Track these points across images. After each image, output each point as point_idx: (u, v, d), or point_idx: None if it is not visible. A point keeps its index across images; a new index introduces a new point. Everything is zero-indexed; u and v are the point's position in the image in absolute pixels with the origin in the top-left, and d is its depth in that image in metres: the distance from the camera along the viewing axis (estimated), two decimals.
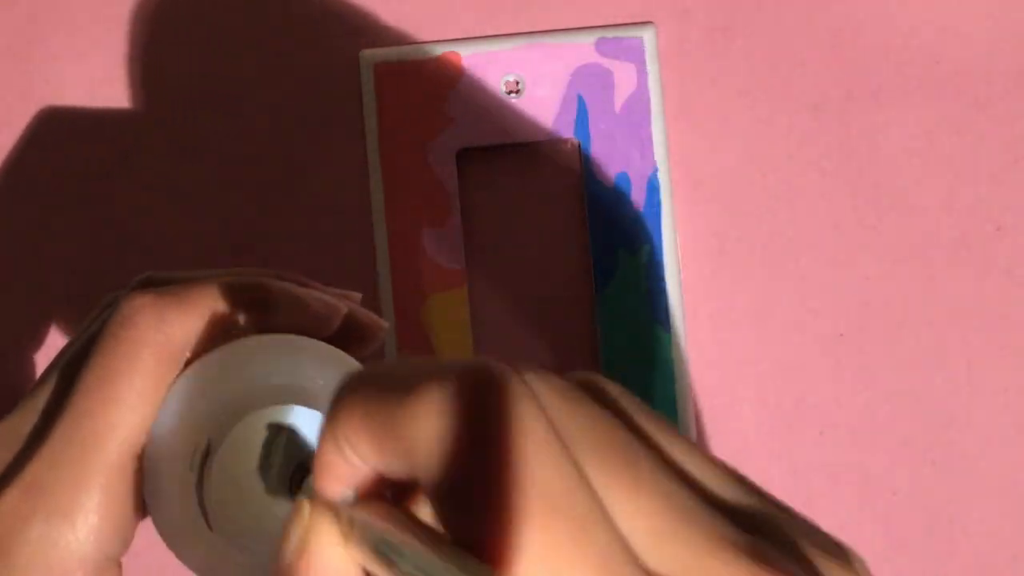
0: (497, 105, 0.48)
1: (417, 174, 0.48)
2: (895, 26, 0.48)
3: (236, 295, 0.31)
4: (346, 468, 0.24)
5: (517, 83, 0.48)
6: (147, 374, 0.30)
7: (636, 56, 0.48)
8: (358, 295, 0.35)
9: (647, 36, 0.48)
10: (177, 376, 0.30)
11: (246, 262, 0.48)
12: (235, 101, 0.48)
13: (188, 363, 0.30)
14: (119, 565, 0.30)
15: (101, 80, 0.48)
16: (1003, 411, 0.48)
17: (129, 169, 0.48)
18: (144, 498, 0.30)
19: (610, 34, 0.48)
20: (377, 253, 0.48)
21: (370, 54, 0.48)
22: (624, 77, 0.48)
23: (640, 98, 0.48)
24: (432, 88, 0.48)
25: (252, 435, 0.29)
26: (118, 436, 0.29)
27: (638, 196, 0.48)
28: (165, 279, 0.32)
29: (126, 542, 0.30)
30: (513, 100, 0.48)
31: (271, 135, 0.48)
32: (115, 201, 0.48)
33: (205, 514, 0.29)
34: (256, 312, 0.31)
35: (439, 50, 0.48)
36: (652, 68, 0.48)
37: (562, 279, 0.48)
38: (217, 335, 0.30)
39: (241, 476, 0.30)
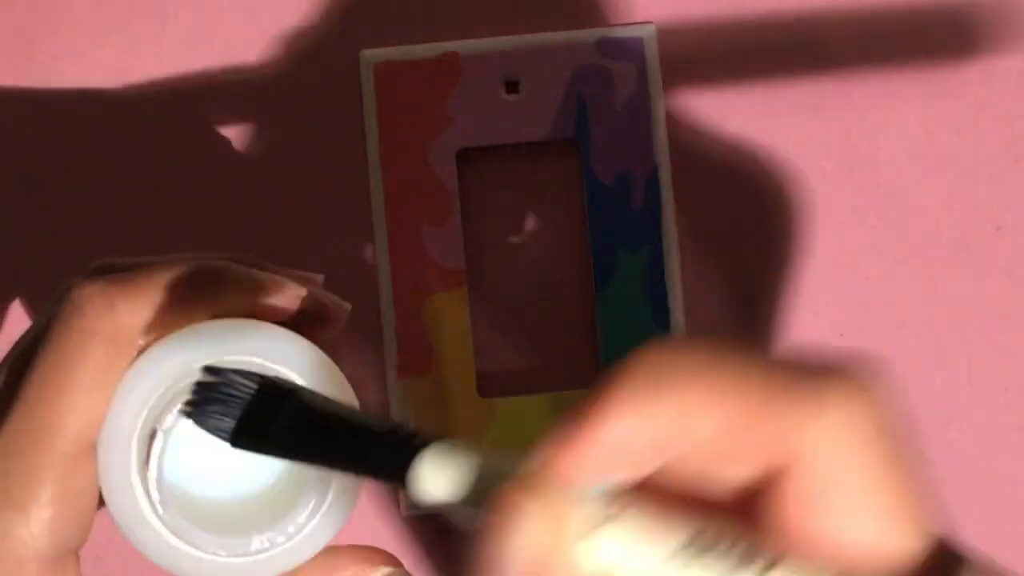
0: (497, 105, 0.48)
1: (417, 174, 0.48)
2: (896, 23, 0.48)
3: (190, 280, 0.30)
4: (622, 453, 0.22)
5: (517, 83, 0.48)
6: (98, 363, 0.29)
7: (636, 56, 0.48)
8: (320, 277, 0.35)
9: (647, 36, 0.48)
10: (130, 364, 0.29)
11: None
12: (235, 101, 0.48)
13: (142, 351, 0.30)
14: (76, 556, 0.30)
15: (101, 80, 0.48)
16: (1003, 411, 0.48)
17: (128, 170, 0.48)
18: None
19: (610, 34, 0.48)
20: (377, 253, 0.48)
21: (370, 54, 0.48)
22: (624, 77, 0.48)
23: (640, 98, 0.48)
24: (432, 88, 0.48)
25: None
26: (71, 426, 0.29)
27: (638, 196, 0.48)
28: (119, 265, 0.31)
29: (83, 533, 0.30)
30: (513, 100, 0.48)
31: (271, 135, 0.48)
32: (114, 201, 0.48)
33: (156, 501, 0.29)
34: (211, 297, 0.30)
35: (439, 50, 0.48)
36: (652, 68, 0.48)
37: (562, 279, 0.48)
38: (171, 321, 0.30)
39: (194, 460, 0.29)
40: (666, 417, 0.23)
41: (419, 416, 0.47)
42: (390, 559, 0.31)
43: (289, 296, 0.32)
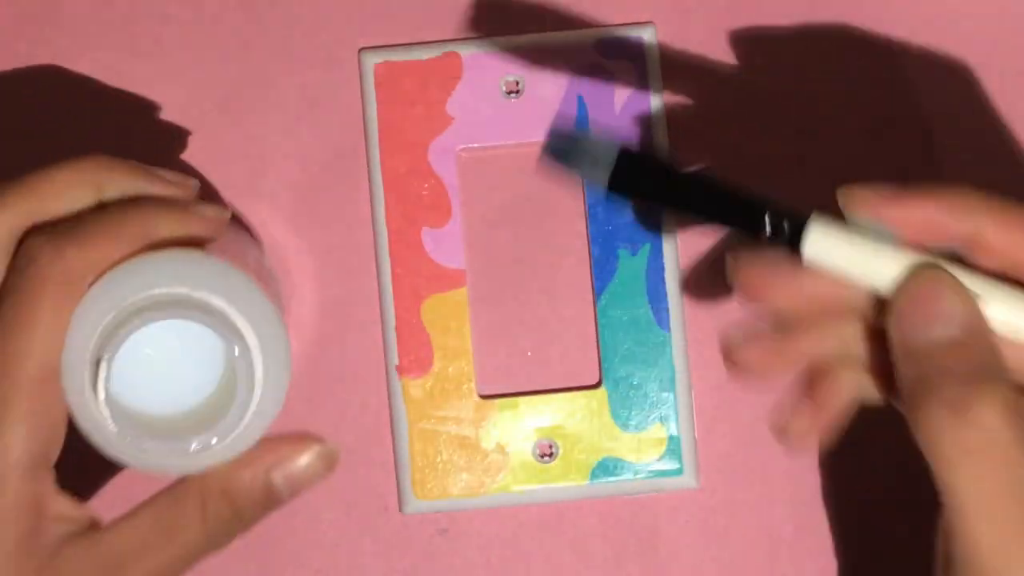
0: (497, 105, 0.48)
1: (417, 174, 0.48)
2: (895, 26, 0.48)
3: (125, 221, 0.36)
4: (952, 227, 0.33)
5: (517, 83, 0.48)
6: (52, 300, 0.34)
7: (636, 56, 0.48)
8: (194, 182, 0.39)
9: (647, 36, 0.48)
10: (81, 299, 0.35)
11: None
12: (235, 101, 0.48)
13: (92, 285, 0.35)
14: (51, 468, 0.35)
15: (101, 80, 0.48)
16: None
17: None
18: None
19: (610, 34, 0.48)
20: (377, 253, 0.48)
21: (370, 54, 0.48)
22: (624, 77, 0.48)
23: (640, 98, 0.48)
24: (432, 88, 0.48)
25: (141, 341, 0.34)
26: (35, 354, 0.34)
27: None
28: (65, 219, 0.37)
29: (56, 446, 0.35)
30: (513, 100, 0.48)
31: (270, 135, 0.48)
32: None
33: (108, 417, 0.34)
34: (146, 233, 0.36)
35: (439, 50, 0.48)
36: (652, 68, 0.48)
37: (562, 279, 0.48)
38: (114, 257, 0.35)
39: (141, 382, 0.35)
40: (979, 223, 0.33)
41: (419, 416, 0.47)
42: (319, 439, 0.37)
43: (212, 221, 0.37)
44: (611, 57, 0.48)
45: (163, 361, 0.35)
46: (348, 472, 0.48)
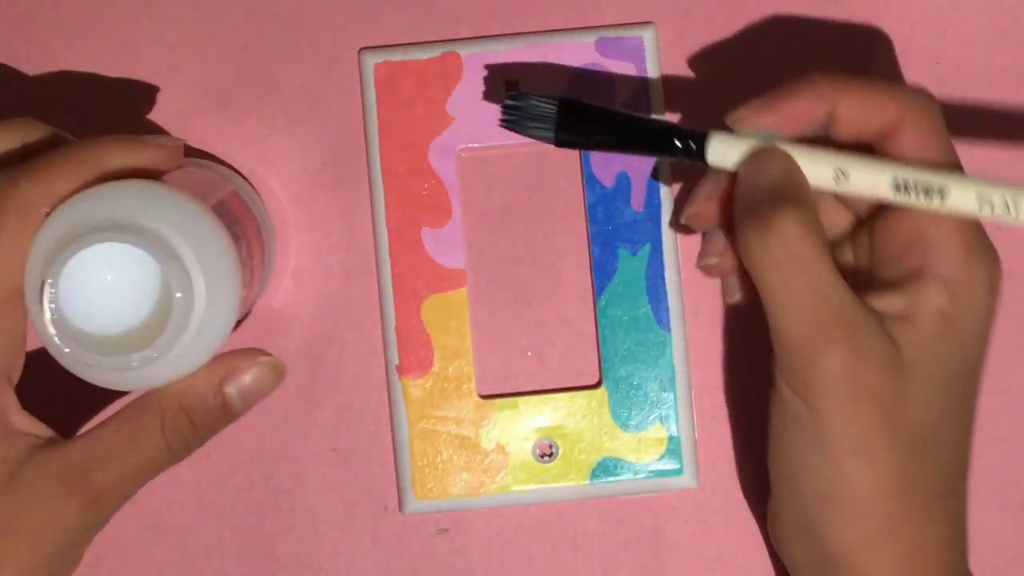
0: (497, 105, 0.48)
1: (417, 174, 0.48)
2: (895, 26, 0.48)
3: (79, 155, 0.38)
4: (806, 114, 0.40)
5: (517, 83, 0.48)
6: (12, 229, 0.37)
7: (636, 56, 0.48)
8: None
9: (647, 36, 0.48)
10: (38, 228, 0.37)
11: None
12: (235, 101, 0.48)
13: (48, 215, 0.37)
14: (12, 384, 0.38)
15: (101, 81, 0.48)
16: (1003, 411, 0.48)
17: None
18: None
19: (610, 34, 0.48)
20: (377, 253, 0.48)
21: (370, 54, 0.48)
22: (624, 77, 0.48)
23: (640, 98, 0.48)
24: (432, 88, 0.48)
25: (83, 265, 0.36)
26: None
27: (638, 196, 0.48)
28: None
29: (17, 362, 0.38)
30: None
31: (271, 135, 0.48)
32: None
33: (55, 335, 0.36)
34: (100, 165, 0.38)
35: (439, 50, 0.48)
36: (652, 68, 0.48)
37: (562, 279, 0.48)
38: (69, 189, 0.37)
39: (85, 304, 0.37)
40: (830, 100, 0.39)
41: (419, 416, 0.47)
42: (265, 352, 0.40)
43: (163, 149, 0.39)
44: (611, 57, 0.48)
45: (113, 284, 0.37)
46: (348, 472, 0.48)
